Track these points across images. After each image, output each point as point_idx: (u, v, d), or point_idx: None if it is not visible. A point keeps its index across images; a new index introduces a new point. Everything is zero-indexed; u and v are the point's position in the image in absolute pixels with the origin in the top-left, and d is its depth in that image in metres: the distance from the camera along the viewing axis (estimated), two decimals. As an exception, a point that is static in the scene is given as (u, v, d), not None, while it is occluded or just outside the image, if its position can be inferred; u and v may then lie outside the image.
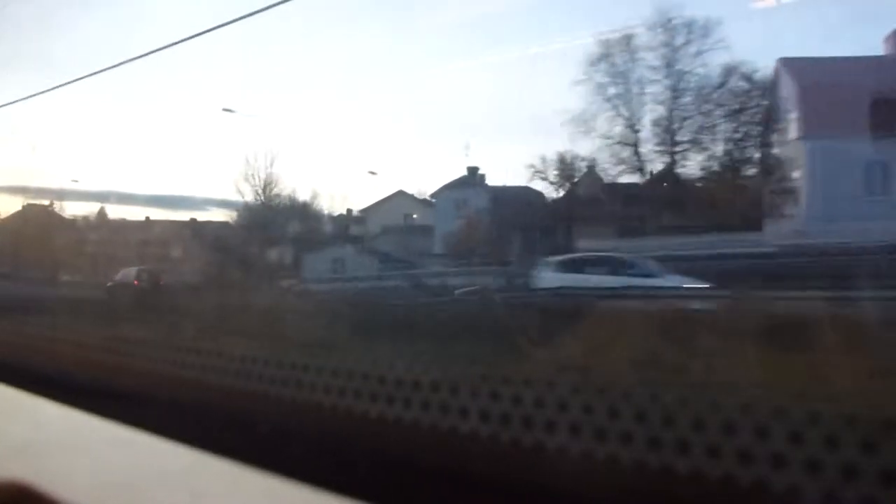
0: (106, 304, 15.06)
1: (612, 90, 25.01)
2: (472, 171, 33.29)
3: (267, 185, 36.50)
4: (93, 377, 2.30)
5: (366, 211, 39.08)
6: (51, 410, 1.69)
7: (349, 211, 40.76)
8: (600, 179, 27.22)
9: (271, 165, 36.00)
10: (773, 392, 2.63)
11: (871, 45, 23.48)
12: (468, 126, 39.69)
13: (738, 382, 2.99)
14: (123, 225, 36.47)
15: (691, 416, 1.24)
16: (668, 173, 24.61)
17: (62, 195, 35.98)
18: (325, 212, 39.58)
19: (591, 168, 27.68)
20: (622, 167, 25.74)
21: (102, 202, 36.41)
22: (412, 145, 47.27)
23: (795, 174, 21.82)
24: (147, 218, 37.37)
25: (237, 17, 6.07)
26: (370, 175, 43.23)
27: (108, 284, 24.57)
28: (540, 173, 30.01)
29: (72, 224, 36.03)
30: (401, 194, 37.76)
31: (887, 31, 20.81)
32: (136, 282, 24.68)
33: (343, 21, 38.52)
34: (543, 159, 29.61)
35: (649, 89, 24.62)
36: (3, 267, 29.51)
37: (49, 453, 1.41)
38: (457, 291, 15.91)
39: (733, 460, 1.16)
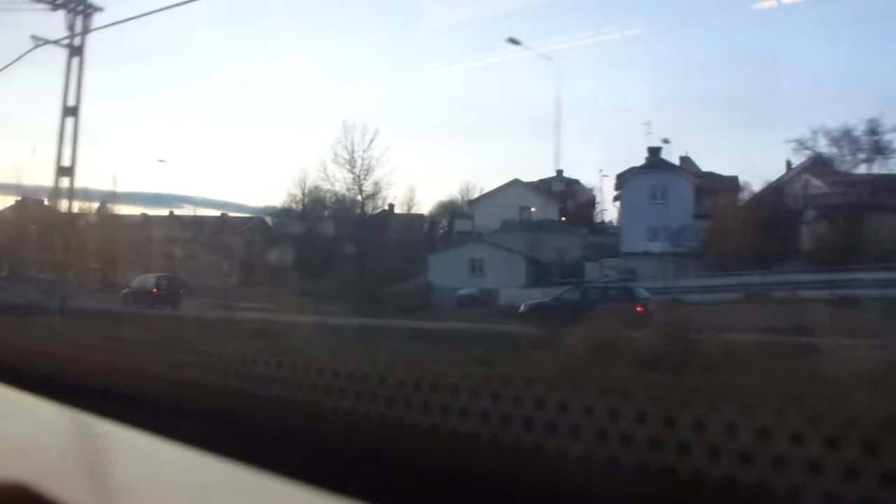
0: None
1: None
2: (655, 151, 27.34)
3: (363, 172, 30.66)
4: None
5: (474, 203, 33.96)
6: (51, 412, 1.70)
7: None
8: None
9: (369, 146, 30.58)
10: None
11: None
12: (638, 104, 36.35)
13: None
14: (138, 222, 33.71)
15: None
16: None
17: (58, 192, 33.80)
18: (415, 205, 35.11)
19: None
20: None
21: (105, 201, 32.95)
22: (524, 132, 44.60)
23: None
24: (171, 212, 34.60)
25: None
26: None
27: (124, 291, 23.46)
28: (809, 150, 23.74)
29: (72, 221, 31.58)
30: (516, 183, 32.41)
31: None
32: (154, 290, 23.28)
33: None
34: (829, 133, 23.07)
35: None
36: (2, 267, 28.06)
37: (50, 454, 1.42)
38: None
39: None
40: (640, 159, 28.13)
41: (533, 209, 31.40)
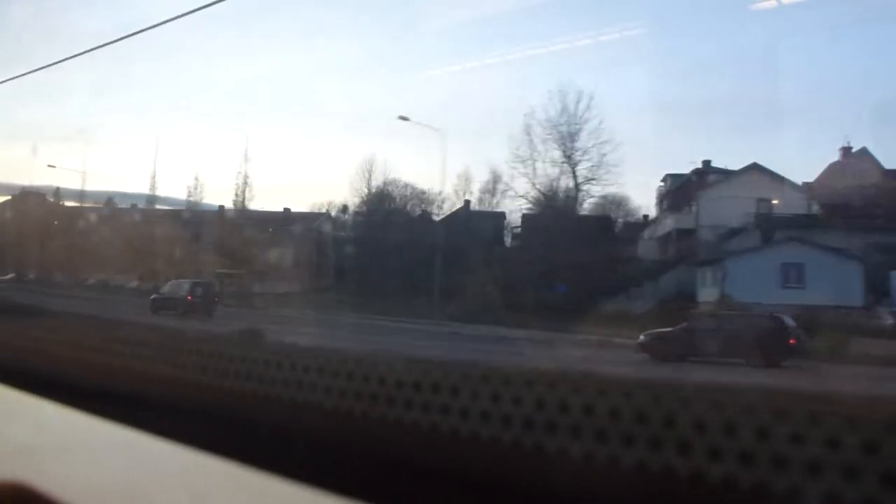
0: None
1: None
2: None
3: (578, 151, 24.50)
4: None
5: (677, 194, 27.80)
6: (51, 412, 1.73)
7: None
8: None
9: (582, 116, 24.74)
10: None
11: None
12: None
13: None
14: (160, 216, 30.92)
15: None
16: None
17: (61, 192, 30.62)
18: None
19: None
20: None
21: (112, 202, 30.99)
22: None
23: None
24: (221, 207, 31.62)
25: None
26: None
27: (152, 297, 21.98)
28: None
29: (77, 217, 30.47)
30: (754, 170, 25.89)
31: None
32: (188, 297, 21.74)
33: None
34: None
35: None
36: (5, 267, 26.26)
37: (50, 454, 1.44)
38: None
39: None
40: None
41: (775, 202, 25.76)
